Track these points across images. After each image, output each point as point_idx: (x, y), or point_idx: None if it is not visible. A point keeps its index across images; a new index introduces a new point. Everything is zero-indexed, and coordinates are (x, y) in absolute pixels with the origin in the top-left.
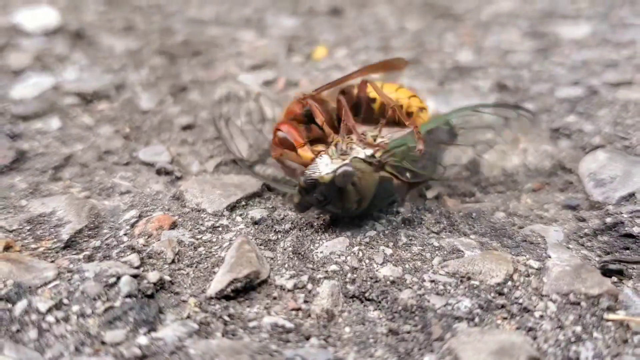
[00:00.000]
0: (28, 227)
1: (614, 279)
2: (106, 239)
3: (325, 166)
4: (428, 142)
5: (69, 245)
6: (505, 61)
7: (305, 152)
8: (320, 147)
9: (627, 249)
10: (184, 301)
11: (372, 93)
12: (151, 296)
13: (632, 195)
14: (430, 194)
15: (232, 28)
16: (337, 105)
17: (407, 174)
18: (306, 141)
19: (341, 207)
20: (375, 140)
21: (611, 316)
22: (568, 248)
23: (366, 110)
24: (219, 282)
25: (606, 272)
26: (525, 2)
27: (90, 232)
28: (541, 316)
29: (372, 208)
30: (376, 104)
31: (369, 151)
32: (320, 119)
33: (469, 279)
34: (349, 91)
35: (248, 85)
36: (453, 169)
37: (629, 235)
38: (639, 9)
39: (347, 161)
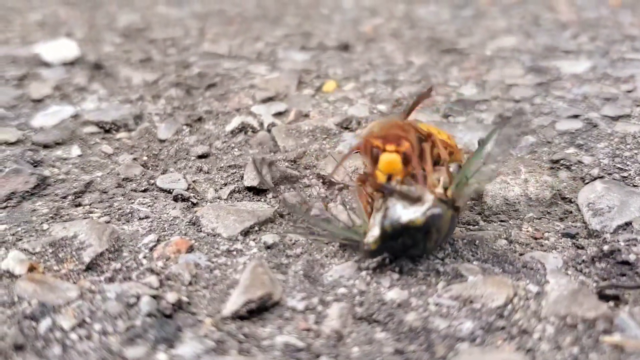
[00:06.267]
0: (51, 250)
1: (610, 303)
2: (126, 262)
3: (403, 209)
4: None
5: (91, 267)
6: (508, 95)
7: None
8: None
9: (623, 275)
10: (200, 321)
11: (440, 134)
12: (170, 316)
13: (628, 224)
14: None
15: (245, 62)
16: (420, 150)
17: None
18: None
19: (423, 248)
20: (439, 182)
21: (607, 338)
22: (566, 274)
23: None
24: (234, 303)
25: (603, 297)
26: (527, 38)
27: (110, 255)
28: (539, 338)
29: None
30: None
31: (441, 190)
32: (429, 168)
33: (471, 302)
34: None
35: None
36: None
37: (625, 263)
38: (639, 44)
39: (430, 203)
